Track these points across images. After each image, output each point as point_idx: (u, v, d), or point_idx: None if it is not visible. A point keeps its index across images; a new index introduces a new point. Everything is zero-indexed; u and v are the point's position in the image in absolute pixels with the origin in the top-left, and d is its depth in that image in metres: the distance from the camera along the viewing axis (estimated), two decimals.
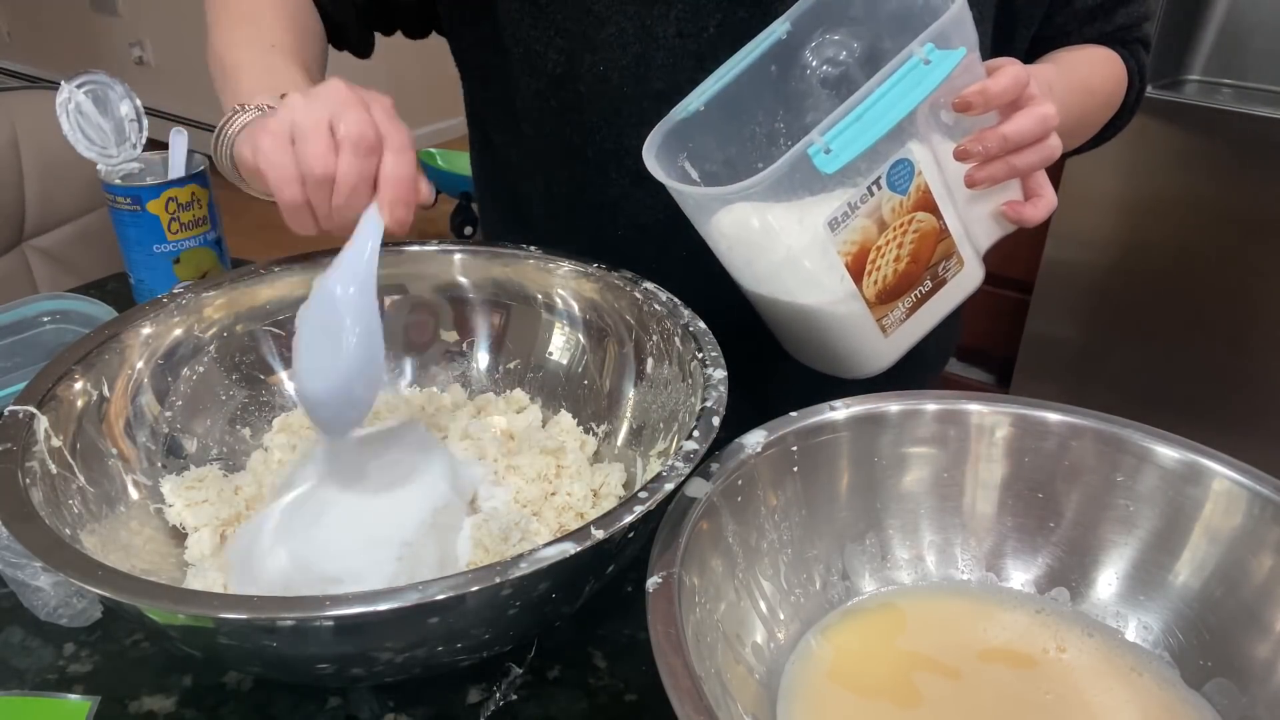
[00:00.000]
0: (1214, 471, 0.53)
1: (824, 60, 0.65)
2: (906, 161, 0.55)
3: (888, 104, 0.52)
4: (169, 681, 0.55)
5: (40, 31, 4.18)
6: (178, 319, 0.65)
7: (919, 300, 0.59)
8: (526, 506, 0.61)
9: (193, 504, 0.60)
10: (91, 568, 0.43)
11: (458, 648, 0.47)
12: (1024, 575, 0.58)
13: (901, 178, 0.55)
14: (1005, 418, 0.57)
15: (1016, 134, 0.57)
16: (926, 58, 0.53)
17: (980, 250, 0.63)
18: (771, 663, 0.52)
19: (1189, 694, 0.51)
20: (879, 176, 0.55)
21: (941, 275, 0.59)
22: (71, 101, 0.81)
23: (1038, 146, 0.59)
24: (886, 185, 0.55)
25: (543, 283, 0.72)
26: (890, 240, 0.56)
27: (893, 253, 0.56)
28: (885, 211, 0.55)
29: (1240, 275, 1.52)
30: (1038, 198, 0.62)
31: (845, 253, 0.55)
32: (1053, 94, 0.65)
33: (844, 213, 0.54)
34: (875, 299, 0.57)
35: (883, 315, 0.58)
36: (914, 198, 0.56)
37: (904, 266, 0.57)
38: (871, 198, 0.55)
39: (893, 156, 0.55)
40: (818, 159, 0.51)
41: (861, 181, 0.54)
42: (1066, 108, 0.68)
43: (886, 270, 0.57)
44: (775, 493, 0.54)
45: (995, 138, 0.57)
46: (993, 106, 0.57)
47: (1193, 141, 1.49)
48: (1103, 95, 0.78)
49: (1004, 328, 1.80)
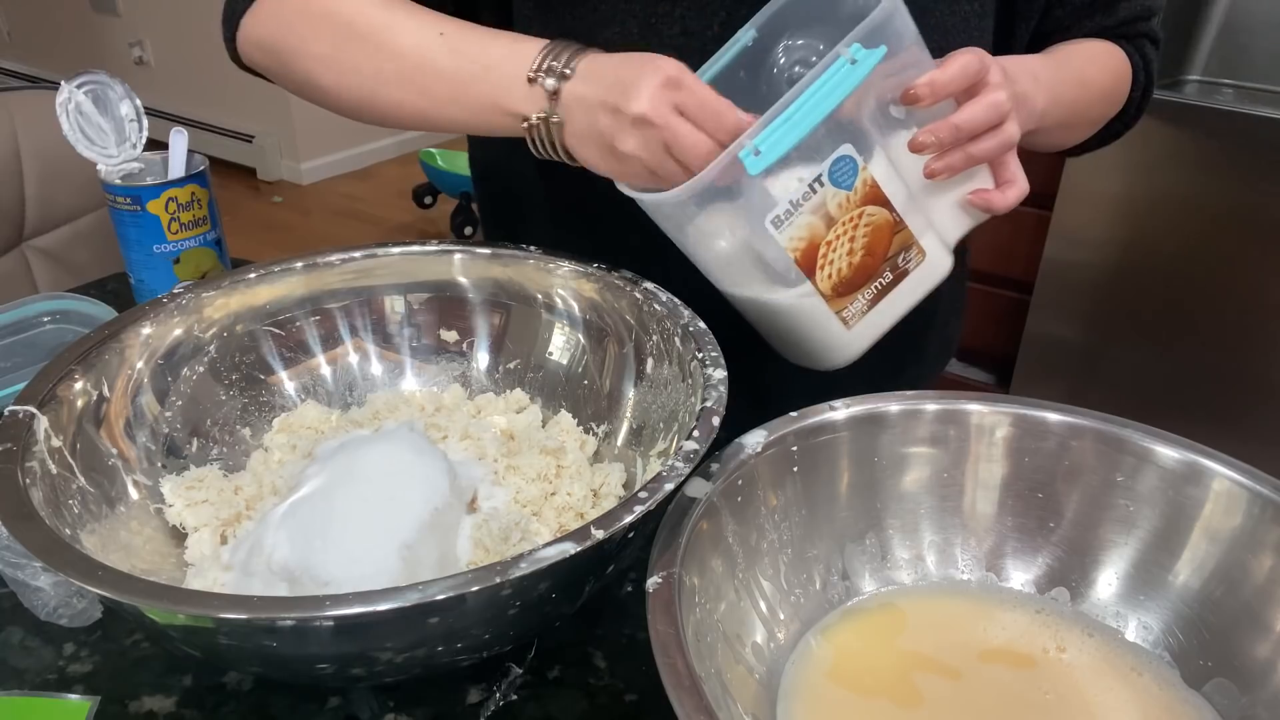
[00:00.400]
0: (1214, 471, 0.53)
1: (793, 62, 0.66)
2: (848, 158, 0.57)
3: (814, 104, 0.54)
4: (169, 681, 0.55)
5: (40, 31, 4.19)
6: (178, 319, 0.65)
7: (880, 291, 0.61)
8: (526, 506, 0.61)
9: (193, 504, 0.60)
10: (91, 568, 0.43)
11: (458, 648, 0.47)
12: (1024, 575, 0.58)
13: (845, 174, 0.57)
14: (1005, 418, 0.57)
15: (969, 122, 0.58)
16: (853, 57, 0.54)
17: (949, 240, 0.64)
18: (771, 663, 0.52)
19: (1189, 694, 0.51)
20: (820, 174, 0.56)
21: (902, 266, 0.61)
22: (71, 101, 0.81)
23: (994, 133, 0.59)
24: (829, 182, 0.57)
25: (543, 283, 0.72)
26: (841, 235, 0.58)
27: (844, 246, 0.58)
28: (831, 207, 0.57)
29: (1240, 275, 1.52)
30: (1008, 184, 0.62)
31: (793, 249, 0.57)
32: (1038, 84, 0.65)
33: (786, 210, 0.56)
34: (832, 292, 0.59)
35: (842, 308, 0.60)
36: (861, 192, 0.58)
37: (859, 259, 0.59)
38: (814, 195, 0.57)
39: (834, 154, 0.57)
40: (747, 161, 0.54)
41: (802, 179, 0.56)
42: (1057, 99, 0.68)
43: (840, 264, 0.59)
44: (775, 493, 0.54)
45: (946, 127, 0.58)
46: (941, 97, 0.58)
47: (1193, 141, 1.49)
48: (1100, 89, 0.77)
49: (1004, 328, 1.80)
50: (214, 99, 3.59)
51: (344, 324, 0.73)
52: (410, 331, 0.74)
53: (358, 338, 0.73)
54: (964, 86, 0.58)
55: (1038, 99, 0.65)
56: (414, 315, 0.74)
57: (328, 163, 3.61)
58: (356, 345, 0.73)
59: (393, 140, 3.78)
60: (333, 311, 0.72)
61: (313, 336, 0.72)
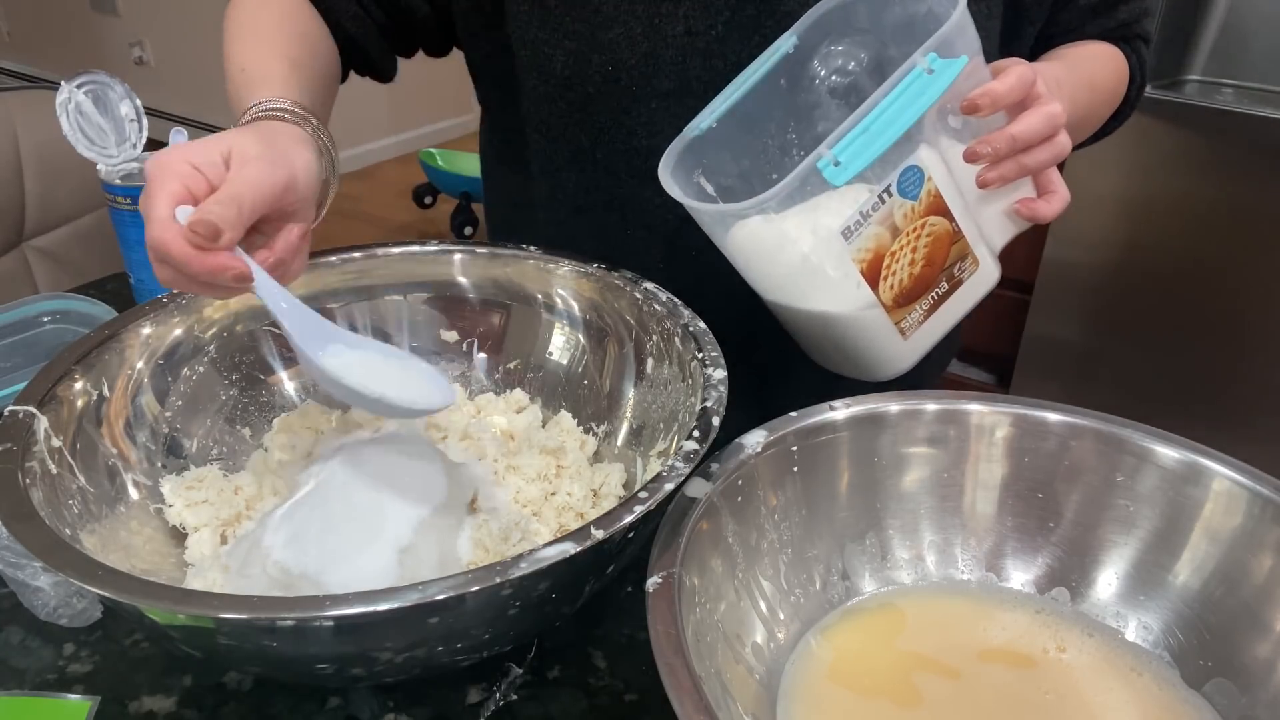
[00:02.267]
0: (1214, 471, 0.53)
1: (832, 71, 0.65)
2: (916, 168, 0.56)
3: (893, 114, 0.53)
4: (169, 681, 0.55)
5: (40, 31, 4.18)
6: (178, 319, 0.65)
7: (936, 302, 0.60)
8: (526, 506, 0.61)
9: (193, 504, 0.60)
10: (91, 568, 0.43)
11: (458, 648, 0.47)
12: (1024, 575, 0.58)
13: (912, 184, 0.56)
14: (1005, 418, 0.57)
15: (1024, 133, 0.58)
16: (930, 67, 0.54)
17: (995, 249, 0.64)
18: (771, 663, 0.52)
19: (1189, 694, 0.51)
20: (889, 184, 0.56)
21: (957, 276, 0.61)
22: (71, 101, 0.81)
23: (1048, 144, 0.59)
24: (898, 192, 0.56)
25: (543, 283, 0.72)
26: (904, 245, 0.57)
27: (907, 257, 0.57)
28: (897, 218, 0.56)
29: (1240, 275, 1.52)
30: (1051, 194, 0.63)
31: (860, 260, 0.56)
32: (1061, 91, 0.65)
33: (856, 221, 0.55)
34: (892, 303, 0.58)
35: (901, 319, 0.59)
36: (925, 203, 0.57)
37: (919, 270, 0.58)
38: (883, 205, 0.56)
39: (902, 164, 0.56)
40: (827, 171, 0.53)
41: (873, 190, 0.55)
42: (1074, 104, 0.68)
43: (902, 275, 0.58)
44: (775, 493, 0.54)
45: (1003, 138, 0.58)
46: (999, 108, 0.57)
47: (1193, 141, 1.49)
48: (1106, 91, 0.78)
49: (1004, 328, 1.80)
50: (214, 99, 3.59)
51: (344, 324, 0.73)
52: (410, 331, 0.74)
53: None
54: (1020, 98, 0.58)
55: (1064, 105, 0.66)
56: (414, 315, 0.74)
57: None
58: None
59: (393, 140, 3.78)
60: (333, 311, 0.72)
61: None
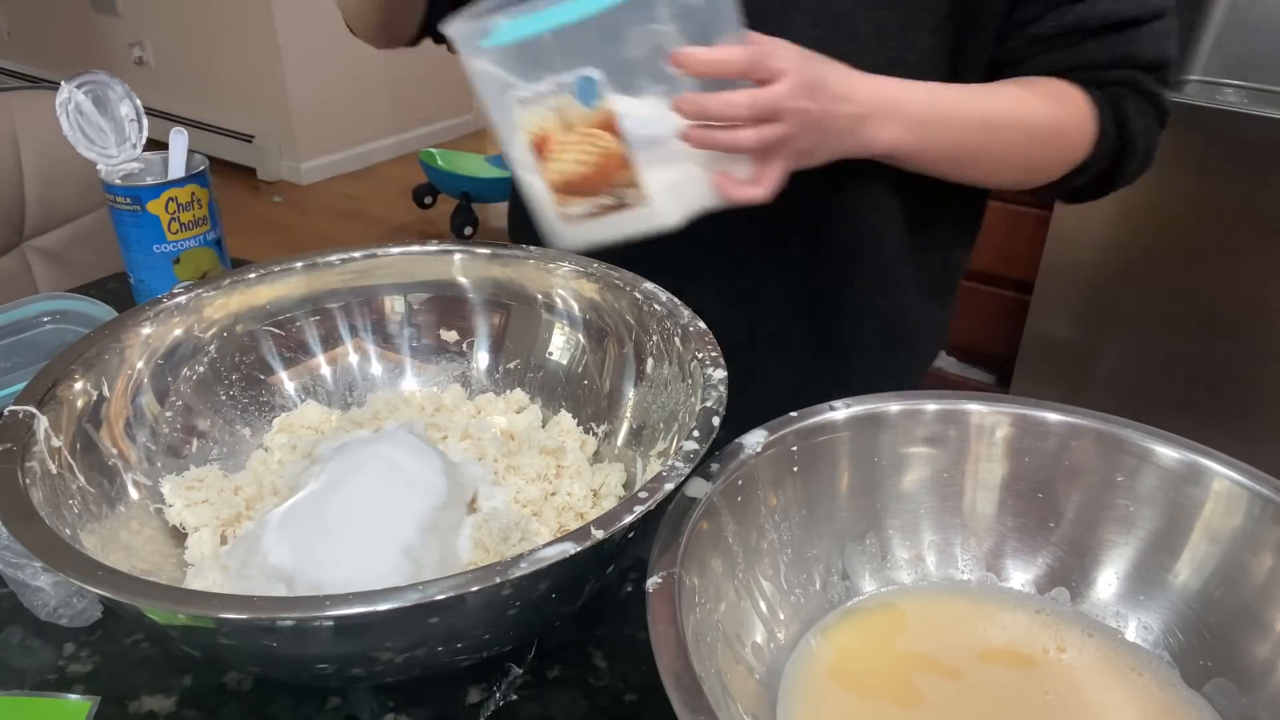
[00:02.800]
0: (1214, 471, 0.53)
1: None
2: (592, 80, 0.60)
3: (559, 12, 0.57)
4: (169, 681, 0.55)
5: (40, 31, 4.18)
6: (178, 319, 0.65)
7: (601, 210, 0.64)
8: (526, 506, 0.61)
9: (193, 504, 0.60)
10: (91, 568, 0.43)
11: (458, 648, 0.47)
12: (1024, 575, 0.57)
13: (585, 92, 0.60)
14: (1005, 418, 0.57)
15: (717, 107, 0.59)
16: None
17: (689, 204, 0.64)
18: (771, 663, 0.52)
19: (1189, 694, 0.51)
20: (569, 83, 0.60)
21: (623, 200, 0.63)
22: (71, 101, 0.81)
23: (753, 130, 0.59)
24: (573, 94, 0.60)
25: (543, 283, 0.72)
26: (572, 141, 0.61)
27: (574, 154, 0.62)
28: (570, 114, 0.61)
29: (1240, 275, 1.52)
30: (754, 184, 0.62)
31: (530, 130, 0.62)
32: (890, 112, 0.64)
33: (531, 94, 0.61)
34: (554, 186, 0.63)
35: (563, 205, 0.64)
36: (598, 116, 0.60)
37: (585, 170, 0.62)
38: (557, 94, 0.60)
39: (583, 71, 0.60)
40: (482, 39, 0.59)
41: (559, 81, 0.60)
42: (929, 133, 0.67)
43: (565, 165, 0.62)
44: (775, 493, 0.54)
45: (692, 103, 0.59)
46: (699, 72, 0.58)
47: (1194, 142, 1.49)
48: (1022, 133, 0.70)
49: (1004, 328, 1.80)
50: (214, 99, 3.59)
51: (344, 324, 0.73)
52: (410, 331, 0.74)
53: (358, 338, 0.73)
54: (725, 73, 0.58)
55: (878, 126, 0.64)
56: (414, 315, 0.74)
57: (328, 163, 3.61)
58: (356, 345, 0.73)
59: (393, 140, 3.78)
60: (333, 311, 0.72)
61: (313, 336, 0.72)
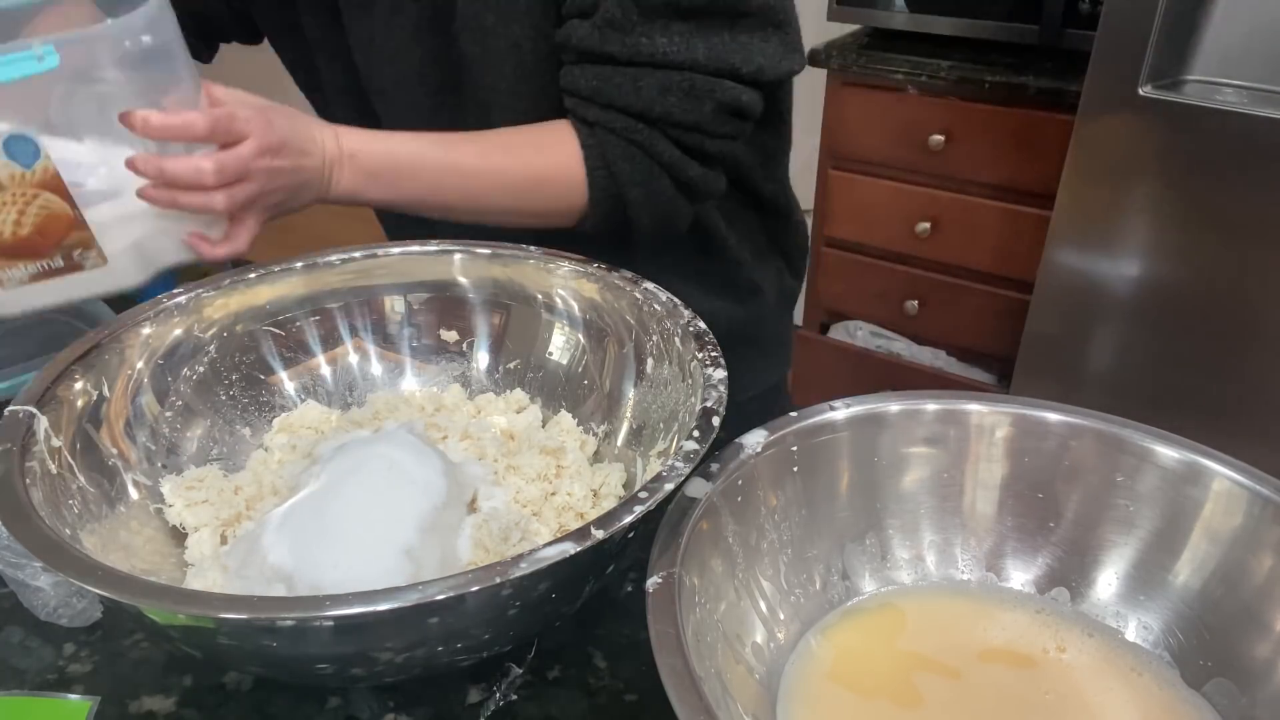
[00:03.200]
0: (1214, 471, 0.53)
1: None
2: (29, 140, 0.59)
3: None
4: (169, 681, 0.55)
5: None
6: (178, 319, 0.65)
7: (46, 272, 0.63)
8: (526, 506, 0.61)
9: (193, 504, 0.60)
10: (91, 568, 0.43)
11: (458, 648, 0.47)
12: (1024, 575, 0.58)
13: (23, 152, 0.59)
14: (1005, 418, 0.57)
15: (186, 173, 0.61)
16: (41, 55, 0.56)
17: (154, 264, 0.66)
18: (771, 663, 0.52)
19: (1189, 694, 0.51)
20: None
21: (77, 261, 0.63)
22: None
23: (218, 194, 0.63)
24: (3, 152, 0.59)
25: (543, 283, 0.72)
26: (9, 203, 0.60)
27: (11, 215, 0.60)
28: (3, 174, 0.59)
29: (1240, 276, 1.52)
30: (228, 242, 0.66)
31: None
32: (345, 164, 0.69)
33: None
34: None
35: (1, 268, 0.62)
36: (40, 177, 0.60)
37: (25, 233, 0.61)
38: None
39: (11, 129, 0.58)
40: None
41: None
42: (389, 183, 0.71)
43: (3, 228, 0.60)
44: (775, 493, 0.54)
45: (152, 165, 0.61)
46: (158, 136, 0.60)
47: (1193, 141, 1.49)
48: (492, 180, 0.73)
49: (1004, 328, 1.79)
50: None
51: (344, 324, 0.73)
52: (410, 331, 0.74)
53: (358, 338, 0.73)
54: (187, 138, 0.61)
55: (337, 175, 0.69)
56: (414, 315, 0.74)
57: None
58: (356, 345, 0.73)
59: None
60: (333, 311, 0.72)
61: (313, 336, 0.72)
